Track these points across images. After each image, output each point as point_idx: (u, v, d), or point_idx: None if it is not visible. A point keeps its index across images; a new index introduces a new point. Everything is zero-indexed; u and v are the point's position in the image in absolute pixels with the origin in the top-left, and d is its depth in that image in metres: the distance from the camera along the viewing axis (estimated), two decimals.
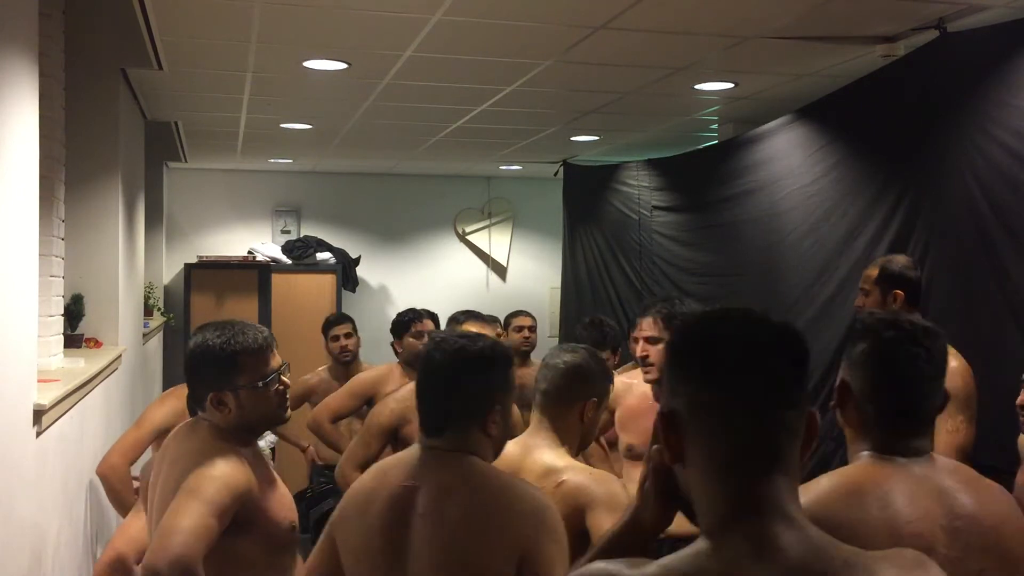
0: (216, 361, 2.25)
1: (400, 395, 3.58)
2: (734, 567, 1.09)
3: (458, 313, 3.90)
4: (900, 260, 3.48)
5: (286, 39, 4.08)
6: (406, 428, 3.46)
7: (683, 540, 1.84)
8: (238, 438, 2.26)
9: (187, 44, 4.13)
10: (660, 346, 3.14)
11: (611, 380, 2.52)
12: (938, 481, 1.70)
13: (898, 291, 3.36)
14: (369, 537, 1.94)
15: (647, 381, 3.26)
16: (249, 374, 2.27)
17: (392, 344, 4.51)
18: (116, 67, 4.20)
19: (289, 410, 2.40)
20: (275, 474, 2.36)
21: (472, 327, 3.52)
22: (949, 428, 3.13)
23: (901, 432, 1.73)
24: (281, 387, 2.33)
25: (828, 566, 1.09)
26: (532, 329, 5.09)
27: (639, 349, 3.26)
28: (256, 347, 2.29)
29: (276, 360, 2.33)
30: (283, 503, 2.32)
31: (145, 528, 2.43)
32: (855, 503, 1.64)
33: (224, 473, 2.12)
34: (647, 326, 3.25)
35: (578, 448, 2.47)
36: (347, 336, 5.09)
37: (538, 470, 2.33)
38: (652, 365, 3.19)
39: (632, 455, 3.31)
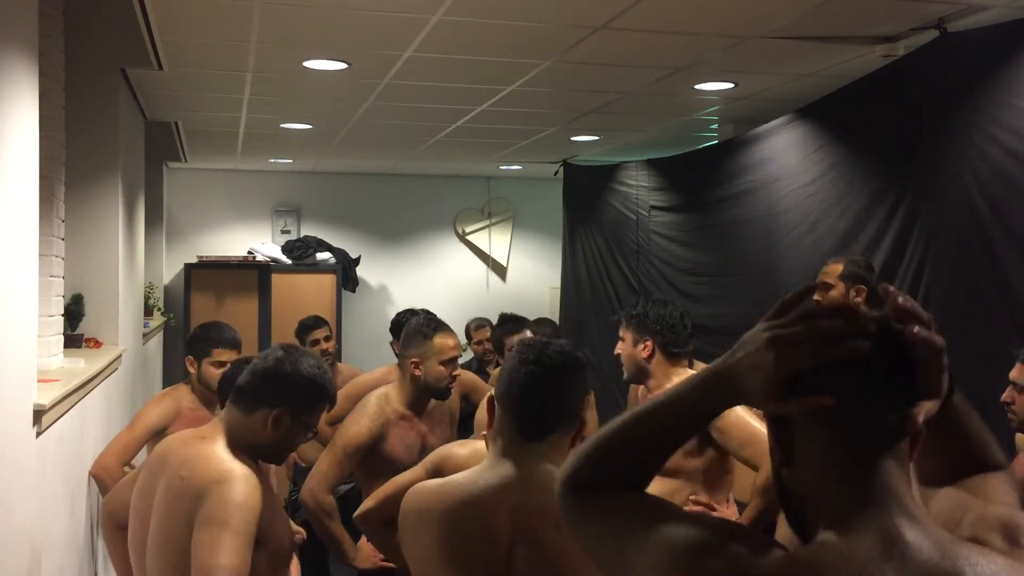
0: (306, 387, 2.27)
1: (371, 411, 3.37)
2: (867, 563, 1.08)
3: (419, 323, 3.54)
4: (861, 260, 3.57)
5: (286, 39, 4.08)
6: (382, 445, 3.33)
7: None
8: (248, 455, 2.25)
9: (187, 44, 4.13)
10: (622, 344, 3.24)
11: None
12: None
13: (861, 287, 3.42)
14: (464, 571, 1.86)
15: (624, 380, 3.36)
16: (312, 415, 2.31)
17: (391, 343, 4.51)
18: (116, 67, 4.20)
19: None
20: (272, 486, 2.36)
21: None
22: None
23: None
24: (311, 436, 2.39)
25: (955, 564, 1.09)
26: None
27: (616, 347, 3.33)
28: (331, 395, 2.35)
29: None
30: (283, 517, 2.33)
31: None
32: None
33: (247, 498, 2.11)
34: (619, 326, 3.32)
35: None
36: (326, 339, 5.01)
37: None
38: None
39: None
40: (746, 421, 2.87)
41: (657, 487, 1.25)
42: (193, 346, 3.75)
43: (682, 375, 3.21)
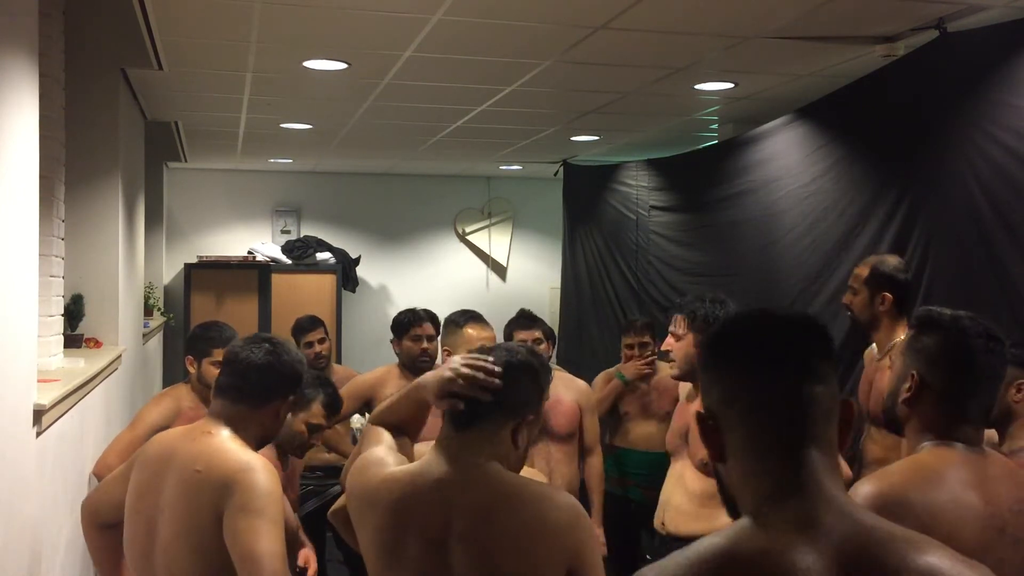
0: (300, 373, 2.44)
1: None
2: (776, 543, 1.12)
3: (456, 314, 3.66)
4: (891, 261, 3.48)
5: (286, 39, 4.08)
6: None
7: (679, 541, 1.81)
8: (256, 447, 2.33)
9: (187, 44, 4.13)
10: (681, 343, 3.23)
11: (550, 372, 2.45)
12: (1002, 467, 1.80)
13: (887, 294, 3.37)
14: (404, 566, 1.87)
15: (672, 377, 3.38)
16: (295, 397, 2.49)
17: (392, 342, 4.50)
18: (116, 67, 4.20)
19: None
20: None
21: (474, 330, 3.46)
22: None
23: (972, 421, 1.81)
24: None
25: (868, 539, 1.12)
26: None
27: (665, 343, 3.37)
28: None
29: None
30: (288, 505, 2.42)
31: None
32: (936, 487, 1.71)
33: (273, 485, 2.20)
34: (674, 323, 3.31)
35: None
36: (320, 342, 4.95)
37: None
38: (674, 360, 3.28)
39: (668, 452, 3.40)
40: None
41: (700, 485, 1.27)
42: (193, 346, 3.75)
43: None
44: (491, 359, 1.94)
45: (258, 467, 2.21)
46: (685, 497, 3.18)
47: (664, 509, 3.25)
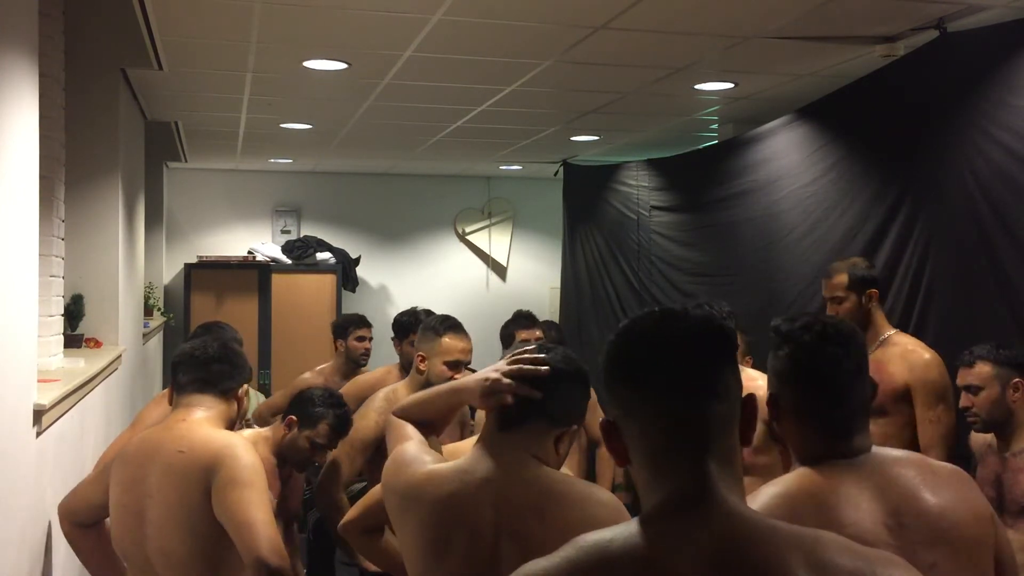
0: (246, 361, 2.63)
1: (377, 405, 3.43)
2: (654, 550, 1.12)
3: (434, 320, 3.54)
4: (860, 261, 3.56)
5: (286, 39, 4.08)
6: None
7: None
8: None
9: (187, 44, 4.13)
10: None
11: None
12: (881, 478, 1.68)
13: (871, 290, 3.42)
14: (451, 562, 1.87)
15: None
16: None
17: (393, 341, 4.50)
18: (116, 67, 4.20)
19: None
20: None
21: (451, 340, 3.42)
22: (931, 418, 3.18)
23: (838, 434, 1.72)
24: None
25: (746, 538, 1.12)
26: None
27: None
28: None
29: None
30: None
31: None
32: (792, 512, 1.61)
33: (256, 460, 2.35)
34: None
35: None
36: (370, 339, 5.02)
37: None
38: None
39: None
40: None
41: None
42: None
43: (745, 373, 3.29)
44: (541, 356, 1.95)
45: (239, 443, 2.36)
46: None
47: None
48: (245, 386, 2.57)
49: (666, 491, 1.17)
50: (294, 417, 3.08)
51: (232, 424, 2.55)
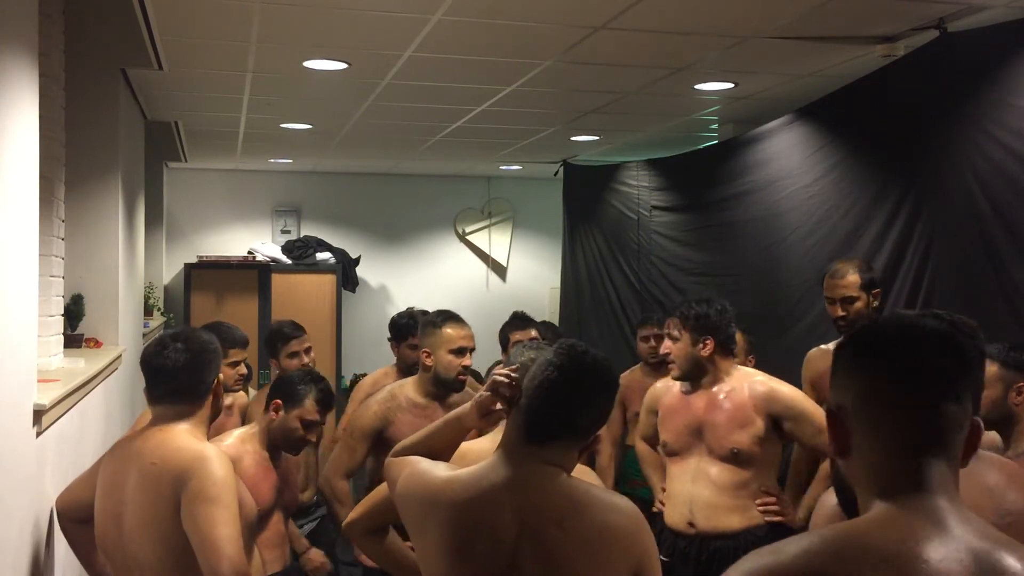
0: (214, 352, 2.55)
1: (380, 396, 3.49)
2: (911, 534, 1.14)
3: (432, 315, 3.62)
4: (864, 263, 3.65)
5: (286, 39, 4.08)
6: (389, 430, 3.37)
7: (717, 538, 1.73)
8: (207, 433, 2.52)
9: (187, 44, 4.13)
10: (679, 344, 3.31)
11: None
12: (985, 478, 1.75)
13: (877, 290, 3.52)
14: (472, 567, 1.88)
15: (673, 378, 3.42)
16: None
17: (389, 341, 4.50)
18: (116, 67, 4.20)
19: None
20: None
21: (452, 329, 3.47)
22: None
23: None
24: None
25: (993, 546, 1.15)
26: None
27: (662, 347, 3.44)
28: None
29: None
30: (245, 490, 2.55)
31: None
32: None
33: (227, 473, 2.33)
34: (668, 326, 3.41)
35: None
36: (307, 351, 4.48)
37: None
38: (673, 363, 3.36)
39: (667, 452, 3.39)
40: (818, 410, 3.13)
41: (729, 476, 1.25)
42: None
43: (737, 370, 3.35)
44: (514, 373, 2.03)
45: (211, 456, 2.34)
46: (714, 492, 3.20)
47: (690, 508, 3.25)
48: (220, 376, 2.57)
49: (900, 479, 1.19)
50: (279, 400, 3.11)
51: (216, 416, 2.56)
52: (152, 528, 2.32)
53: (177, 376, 2.44)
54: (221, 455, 2.38)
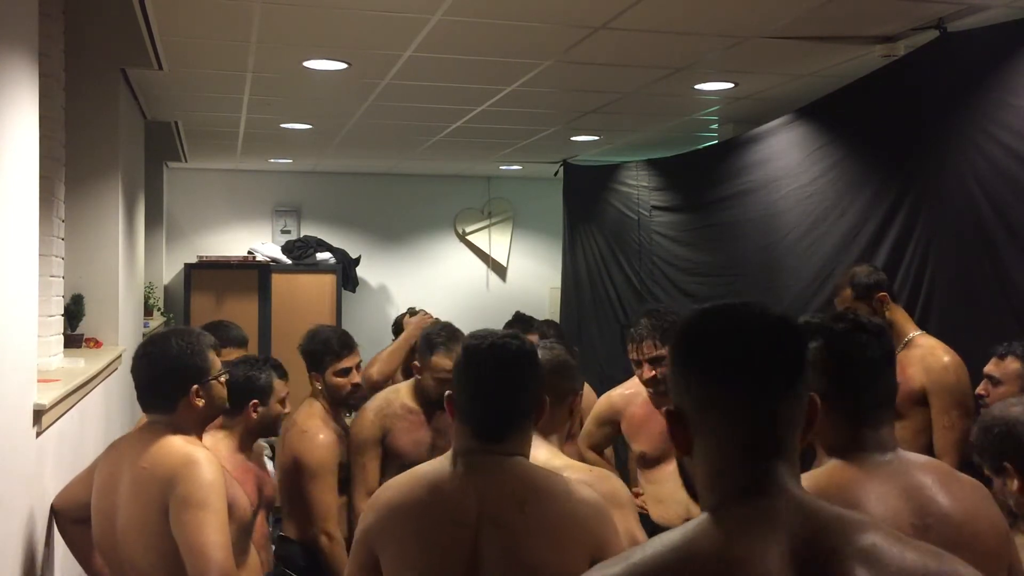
0: (193, 356, 2.49)
1: (377, 404, 3.48)
2: (735, 541, 1.13)
3: (433, 334, 3.51)
4: (861, 269, 3.55)
5: (286, 39, 4.08)
6: (388, 438, 3.37)
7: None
8: (198, 434, 2.49)
9: (187, 44, 4.13)
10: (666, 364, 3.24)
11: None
12: (908, 479, 1.71)
13: (879, 294, 3.42)
14: (436, 553, 1.89)
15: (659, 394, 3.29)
16: (211, 365, 2.51)
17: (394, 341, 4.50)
18: (116, 67, 4.20)
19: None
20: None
21: (439, 359, 3.43)
22: (944, 424, 3.16)
23: (866, 421, 1.76)
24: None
25: (816, 525, 1.14)
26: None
27: (646, 371, 3.28)
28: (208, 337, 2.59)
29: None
30: (240, 490, 2.56)
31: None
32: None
33: (215, 476, 2.32)
34: (648, 348, 3.26)
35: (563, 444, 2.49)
36: (358, 368, 4.58)
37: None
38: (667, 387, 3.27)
39: (645, 462, 3.35)
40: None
41: (649, 474, 1.27)
42: None
43: None
44: None
45: (200, 460, 2.33)
46: None
47: (686, 507, 3.22)
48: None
49: (733, 485, 1.18)
50: (255, 401, 3.09)
51: (207, 419, 2.55)
52: (143, 532, 2.32)
53: (141, 387, 2.47)
54: (211, 458, 2.37)
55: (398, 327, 4.46)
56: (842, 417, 1.76)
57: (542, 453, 2.35)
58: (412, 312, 4.49)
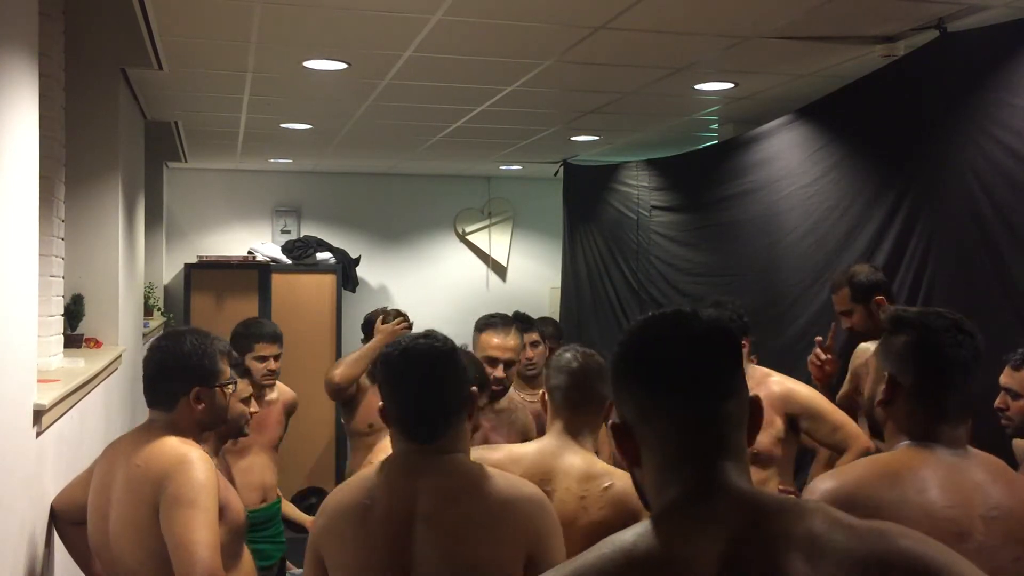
0: (198, 357, 2.50)
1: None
2: (670, 544, 1.14)
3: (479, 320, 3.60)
4: (861, 269, 3.54)
5: (286, 39, 4.07)
6: None
7: None
8: (197, 437, 2.49)
9: (187, 44, 4.13)
10: None
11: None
12: (975, 473, 1.77)
13: (878, 297, 3.41)
14: (369, 551, 1.92)
15: None
16: (222, 371, 2.54)
17: (363, 343, 4.52)
18: (116, 67, 4.20)
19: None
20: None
21: (495, 337, 3.46)
22: None
23: (947, 417, 1.81)
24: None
25: (756, 515, 1.14)
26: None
27: None
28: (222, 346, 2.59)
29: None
30: (235, 493, 2.55)
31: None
32: (893, 485, 1.72)
33: (207, 476, 2.32)
34: None
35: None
36: (276, 358, 4.20)
37: (575, 473, 2.35)
38: None
39: None
40: (833, 409, 3.20)
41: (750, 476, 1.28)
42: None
43: (752, 371, 3.37)
44: None
45: (194, 460, 2.33)
46: None
47: None
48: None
49: (678, 489, 1.19)
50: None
51: (205, 427, 2.54)
52: (133, 530, 2.33)
53: (147, 379, 2.50)
54: (204, 458, 2.37)
55: (368, 326, 4.48)
56: (924, 410, 1.81)
57: (579, 460, 2.36)
58: (384, 312, 4.51)
